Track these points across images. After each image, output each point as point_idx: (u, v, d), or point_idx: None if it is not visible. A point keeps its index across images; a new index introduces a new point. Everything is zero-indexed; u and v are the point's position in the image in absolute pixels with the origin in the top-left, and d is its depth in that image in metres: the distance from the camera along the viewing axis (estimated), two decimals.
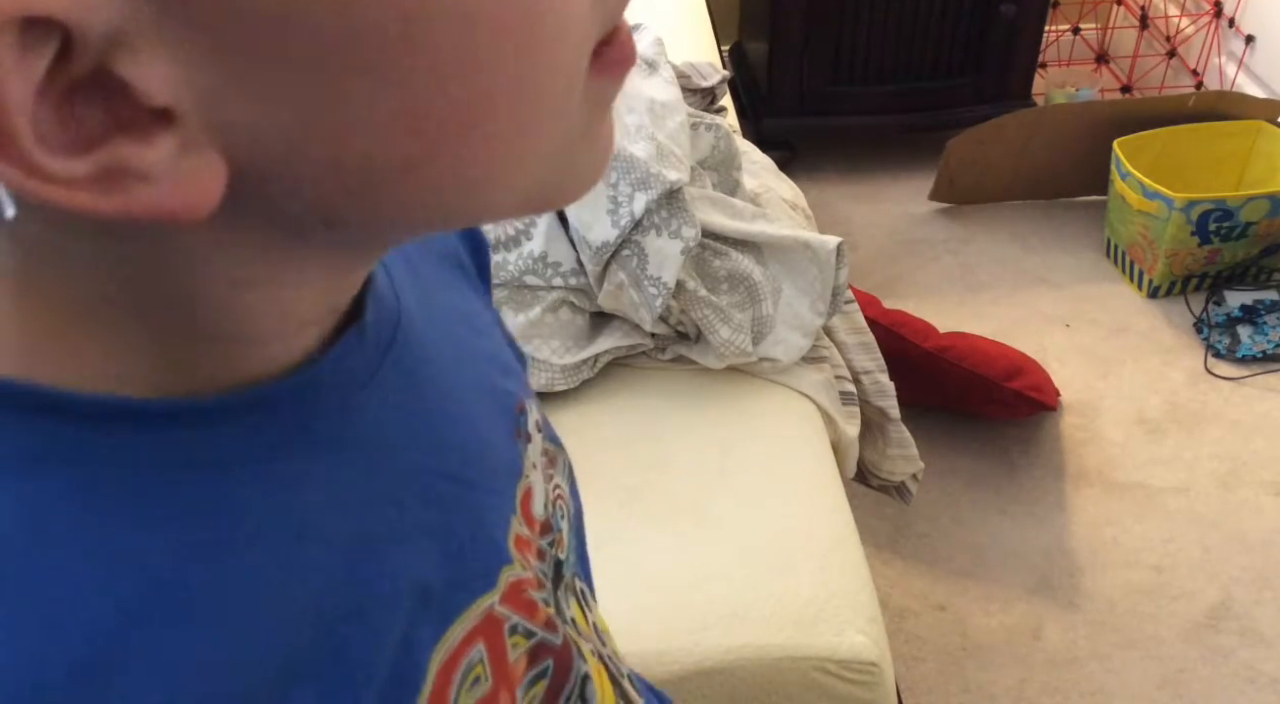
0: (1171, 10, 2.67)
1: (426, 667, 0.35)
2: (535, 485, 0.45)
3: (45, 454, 0.28)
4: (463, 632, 0.37)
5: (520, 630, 0.40)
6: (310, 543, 0.32)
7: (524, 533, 0.42)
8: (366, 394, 0.36)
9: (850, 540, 1.12)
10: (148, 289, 0.29)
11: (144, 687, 0.27)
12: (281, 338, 0.33)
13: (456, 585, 0.37)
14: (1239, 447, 1.88)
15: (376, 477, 0.36)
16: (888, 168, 2.57)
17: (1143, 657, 1.56)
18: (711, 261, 1.27)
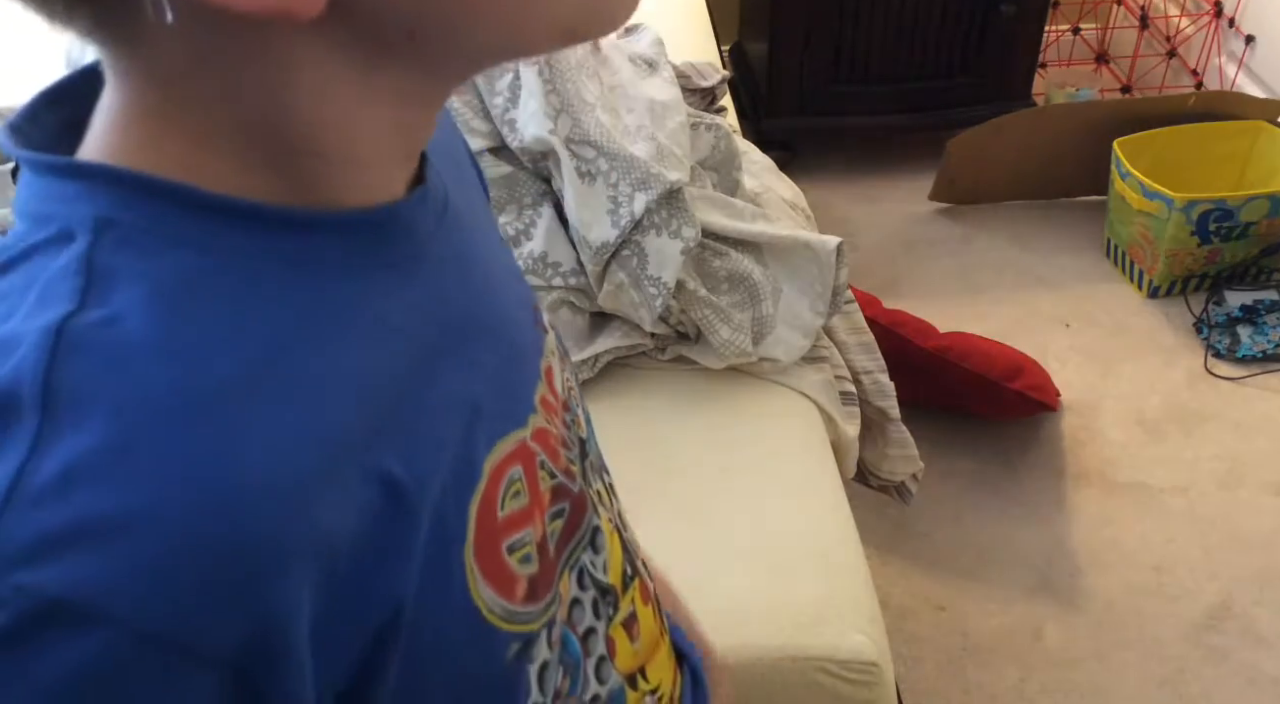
0: (1171, 10, 2.67)
1: (482, 466, 0.42)
2: (555, 368, 0.52)
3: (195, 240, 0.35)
4: (506, 449, 0.44)
5: (546, 468, 0.47)
6: (390, 339, 0.39)
7: (549, 399, 0.49)
8: (433, 242, 0.43)
9: (850, 540, 1.12)
10: (262, 110, 0.35)
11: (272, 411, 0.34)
12: (368, 168, 0.39)
13: (498, 413, 0.44)
14: (1239, 447, 1.88)
15: (440, 309, 0.43)
16: (888, 168, 2.57)
17: (1143, 657, 1.56)
18: (711, 261, 1.27)
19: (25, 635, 0.29)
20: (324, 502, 0.34)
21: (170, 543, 0.31)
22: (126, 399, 0.32)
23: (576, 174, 1.21)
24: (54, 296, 0.33)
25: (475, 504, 0.41)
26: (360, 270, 0.39)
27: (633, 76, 1.38)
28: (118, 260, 0.34)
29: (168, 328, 0.34)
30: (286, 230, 0.37)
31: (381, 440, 0.37)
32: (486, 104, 1.27)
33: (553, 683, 0.46)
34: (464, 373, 0.43)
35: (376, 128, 0.38)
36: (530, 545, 0.44)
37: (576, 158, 1.22)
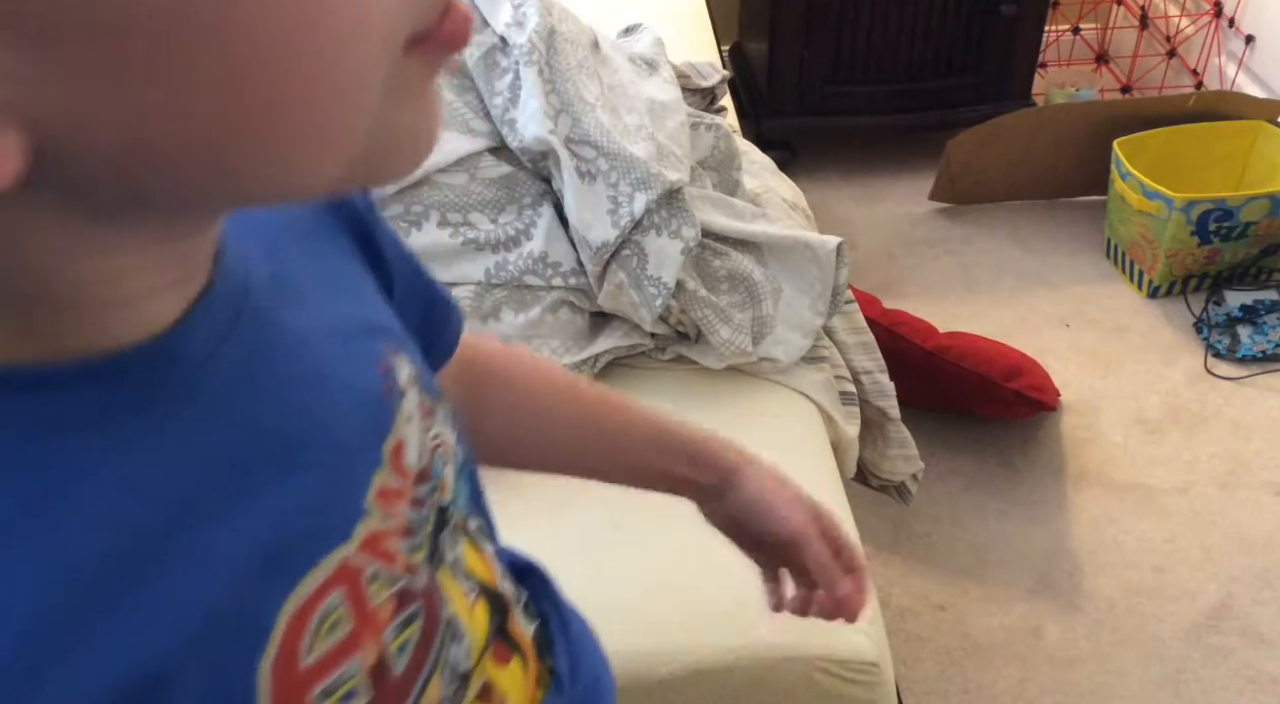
0: (1171, 10, 2.67)
1: (274, 621, 0.37)
2: (409, 438, 0.46)
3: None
4: (316, 583, 0.38)
5: (381, 577, 0.42)
6: (138, 502, 0.34)
7: (393, 484, 0.44)
8: (214, 364, 0.37)
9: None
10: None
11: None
12: (125, 306, 0.34)
13: (310, 540, 0.39)
14: (1239, 447, 1.88)
15: (221, 442, 0.37)
16: (888, 168, 2.57)
17: (1143, 657, 1.56)
18: (711, 261, 1.27)
19: None
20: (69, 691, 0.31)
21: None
22: None
23: (576, 174, 1.21)
24: None
25: (267, 664, 0.36)
26: (98, 424, 0.34)
27: (633, 76, 1.38)
28: None
29: None
30: (12, 392, 0.32)
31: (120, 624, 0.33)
32: (486, 104, 1.27)
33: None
34: (250, 514, 0.37)
35: (133, 269, 0.33)
36: (355, 678, 0.40)
37: (576, 158, 1.22)
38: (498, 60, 1.26)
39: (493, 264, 1.22)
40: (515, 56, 1.25)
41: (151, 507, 0.34)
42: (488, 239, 1.22)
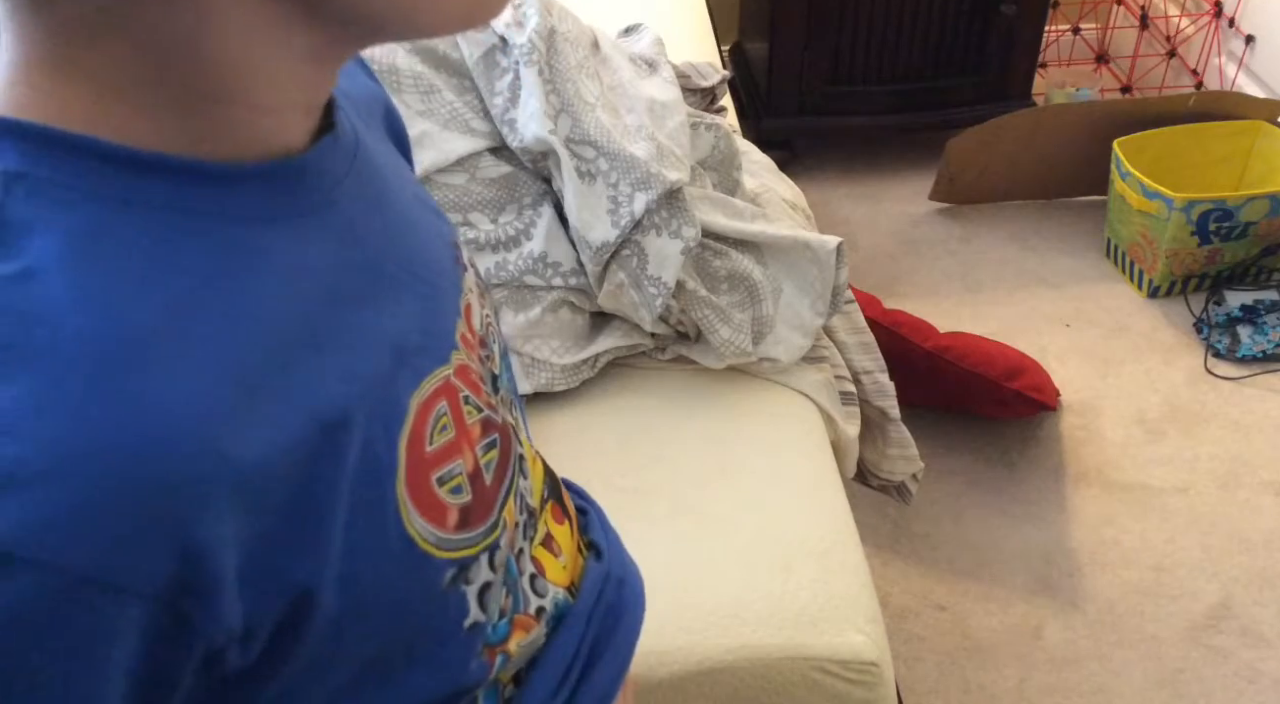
0: (1171, 10, 2.67)
1: (408, 404, 0.44)
2: (473, 304, 0.53)
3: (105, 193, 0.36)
4: (431, 386, 0.45)
5: (471, 402, 0.48)
6: (307, 280, 0.41)
7: (467, 334, 0.51)
8: (343, 187, 0.44)
9: (850, 540, 1.12)
10: (173, 57, 0.36)
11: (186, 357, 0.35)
12: (274, 113, 0.40)
13: (421, 351, 0.46)
14: (1239, 447, 1.88)
15: (354, 252, 0.44)
16: (888, 168, 2.57)
17: (1143, 657, 1.56)
18: (711, 261, 1.27)
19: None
20: (244, 438, 0.36)
21: (91, 487, 0.32)
22: (44, 351, 0.33)
23: (576, 174, 1.21)
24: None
25: (404, 439, 0.43)
26: (269, 219, 0.40)
27: (633, 76, 1.38)
28: (30, 213, 0.35)
29: (82, 280, 0.35)
30: (194, 181, 0.38)
31: (302, 378, 0.39)
32: (486, 104, 1.27)
33: (496, 603, 0.49)
34: (384, 313, 0.44)
35: (285, 77, 0.39)
36: (461, 477, 0.46)
37: (576, 158, 1.22)
38: (498, 60, 1.26)
39: (493, 264, 1.22)
40: (515, 56, 1.25)
41: (316, 287, 0.41)
42: (488, 239, 1.22)
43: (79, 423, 0.32)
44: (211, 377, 0.36)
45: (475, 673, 0.49)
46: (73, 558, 0.32)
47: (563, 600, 0.56)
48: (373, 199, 0.47)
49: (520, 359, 1.23)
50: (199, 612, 0.35)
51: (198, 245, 0.38)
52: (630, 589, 0.64)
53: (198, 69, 0.37)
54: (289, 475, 0.37)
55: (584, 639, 0.57)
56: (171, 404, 0.34)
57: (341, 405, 0.40)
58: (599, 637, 0.59)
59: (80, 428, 0.32)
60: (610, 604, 0.61)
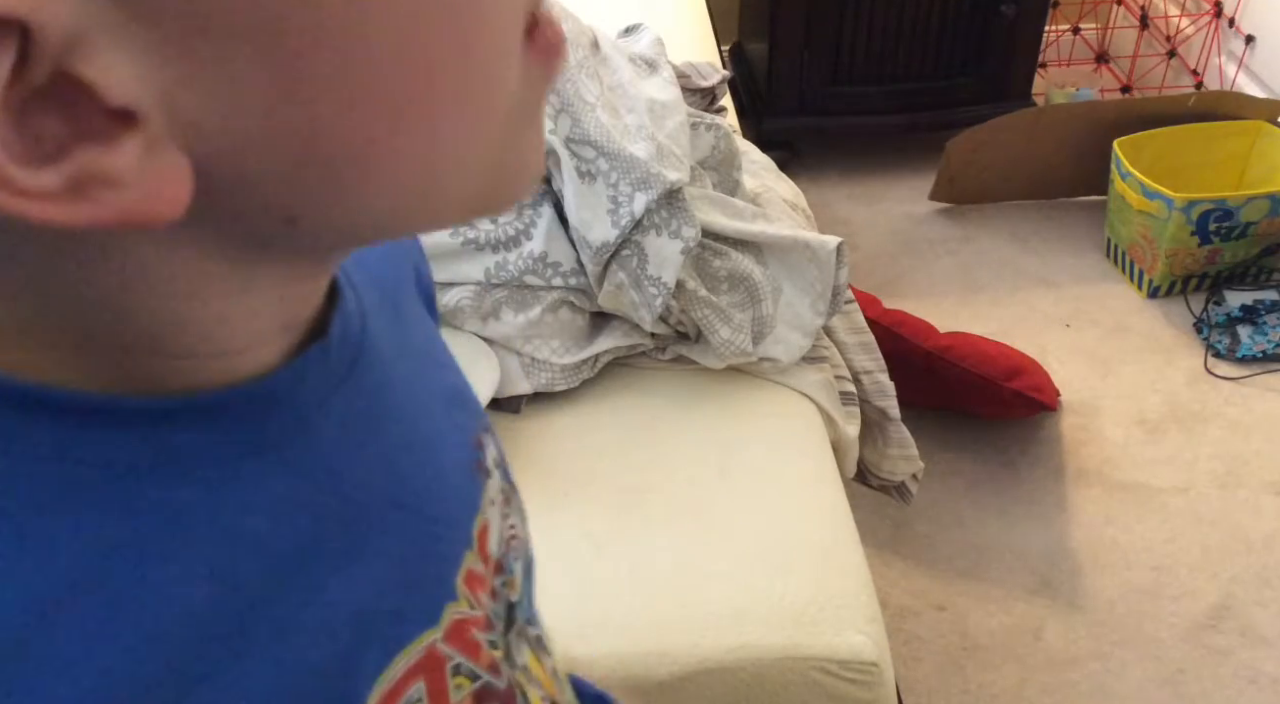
0: (1171, 10, 2.67)
1: (366, 698, 0.34)
2: (492, 522, 0.44)
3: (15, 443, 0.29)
4: (404, 667, 0.36)
5: (464, 671, 0.39)
6: (243, 554, 0.32)
7: (478, 569, 0.41)
8: (324, 412, 0.35)
9: (850, 540, 1.12)
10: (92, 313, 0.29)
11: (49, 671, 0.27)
12: (239, 352, 0.32)
13: (399, 617, 0.36)
14: (1239, 447, 1.88)
15: (327, 497, 0.35)
16: (888, 168, 2.57)
17: (1143, 657, 1.56)
18: (711, 261, 1.27)
19: None
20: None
21: None
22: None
23: (576, 174, 1.21)
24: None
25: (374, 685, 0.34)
26: (208, 466, 0.32)
27: (633, 76, 1.38)
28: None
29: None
30: (108, 425, 0.30)
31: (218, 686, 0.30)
32: None
33: None
34: (351, 573, 0.35)
35: (252, 314, 0.32)
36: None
37: (576, 157, 1.22)
38: None
39: (493, 264, 1.22)
40: None
41: (256, 555, 0.32)
42: (488, 239, 1.22)
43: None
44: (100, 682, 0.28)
45: None
46: None
47: None
48: (366, 418, 0.38)
49: (520, 359, 1.23)
50: None
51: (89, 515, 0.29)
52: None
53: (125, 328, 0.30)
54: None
55: None
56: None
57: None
58: None
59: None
60: None
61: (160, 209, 0.26)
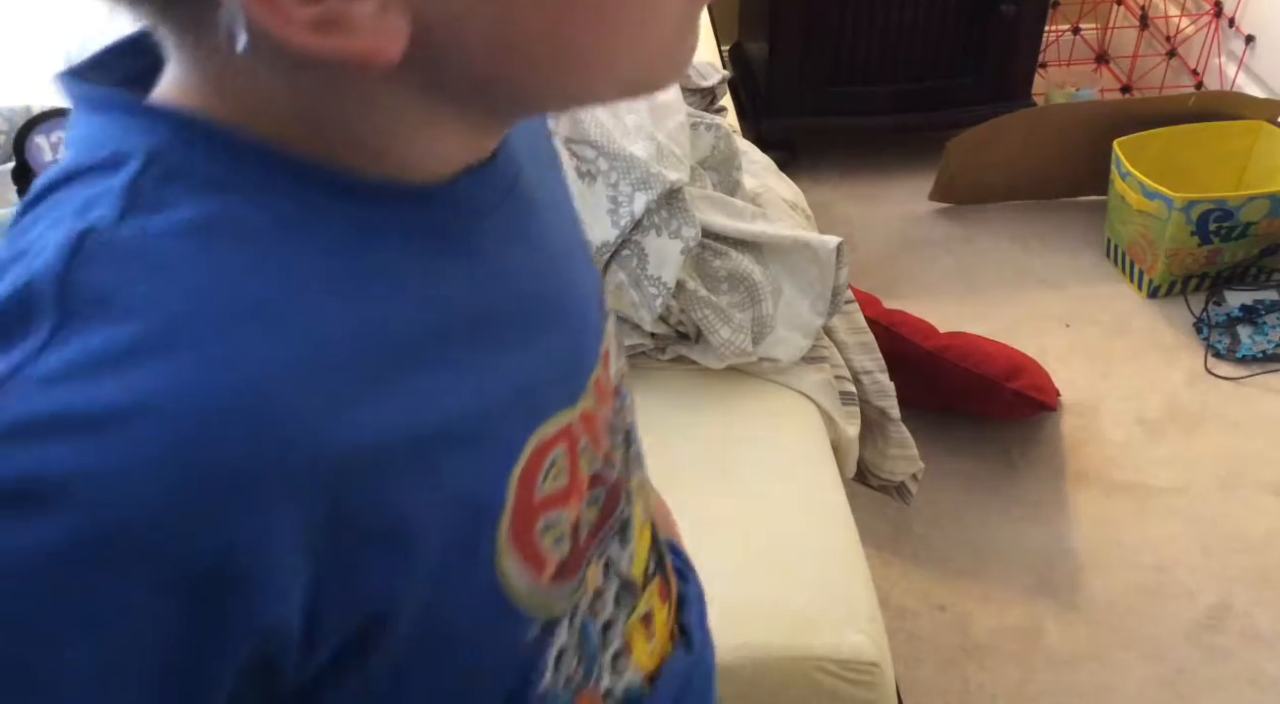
0: (1171, 10, 2.67)
1: (524, 446, 0.42)
2: (612, 351, 0.52)
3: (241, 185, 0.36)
4: (551, 430, 0.43)
5: (588, 453, 0.46)
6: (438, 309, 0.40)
7: (603, 381, 0.49)
8: (494, 220, 0.43)
9: (850, 540, 1.12)
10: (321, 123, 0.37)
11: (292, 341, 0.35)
12: (432, 171, 0.40)
13: (548, 392, 0.44)
14: (1239, 446, 1.88)
15: (494, 284, 0.43)
16: (888, 168, 2.57)
17: (1143, 657, 1.56)
18: (711, 261, 1.27)
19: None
20: (332, 430, 0.34)
21: (160, 446, 0.31)
22: (144, 303, 0.32)
23: (576, 174, 1.21)
24: (91, 211, 0.34)
25: (515, 479, 0.41)
26: (409, 239, 0.40)
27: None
28: (163, 190, 0.35)
29: (198, 249, 0.34)
30: (334, 191, 0.38)
31: (408, 393, 0.37)
32: None
33: (566, 670, 0.46)
34: (515, 350, 0.43)
35: (445, 147, 0.40)
36: (564, 527, 0.44)
37: (576, 157, 1.22)
38: None
39: None
40: None
41: (441, 312, 0.40)
42: None
43: (164, 379, 0.31)
44: (310, 364, 0.35)
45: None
46: (120, 513, 0.30)
47: (636, 690, 0.52)
48: (525, 235, 0.46)
49: None
50: (240, 607, 0.32)
51: (320, 247, 0.37)
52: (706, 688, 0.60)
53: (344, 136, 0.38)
54: (372, 484, 0.35)
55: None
56: (261, 377, 0.33)
57: (447, 430, 0.38)
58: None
59: (163, 385, 0.31)
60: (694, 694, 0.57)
61: (379, 57, 0.34)
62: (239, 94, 0.37)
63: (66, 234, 0.33)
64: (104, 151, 0.36)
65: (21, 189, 1.21)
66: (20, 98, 1.51)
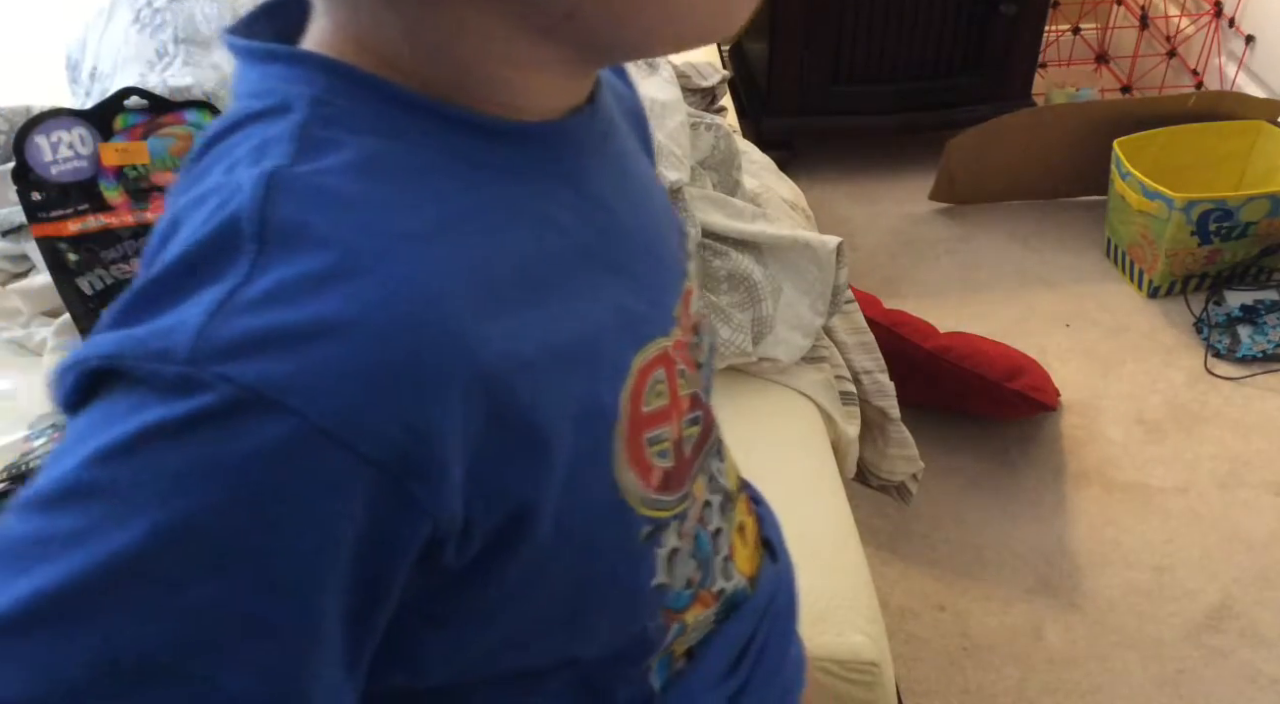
0: (1171, 10, 2.67)
1: (630, 364, 0.46)
2: (694, 291, 0.56)
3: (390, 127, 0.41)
4: (652, 353, 0.48)
5: (685, 376, 0.51)
6: (555, 234, 0.45)
7: (684, 317, 0.53)
8: (596, 159, 0.48)
9: (850, 540, 1.12)
10: (438, 56, 0.42)
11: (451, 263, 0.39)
12: (537, 111, 0.44)
13: (646, 319, 0.49)
14: (1239, 447, 1.88)
15: (601, 215, 0.48)
16: (888, 168, 2.57)
17: (1143, 657, 1.56)
18: (711, 261, 1.27)
19: (224, 416, 0.34)
20: (488, 342, 0.39)
21: (355, 354, 0.35)
22: (328, 234, 0.37)
23: None
24: (269, 153, 0.39)
25: (625, 394, 0.46)
26: (520, 172, 0.44)
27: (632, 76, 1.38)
28: (327, 133, 0.40)
29: (364, 186, 0.39)
30: (464, 130, 0.42)
31: (541, 312, 0.42)
32: None
33: (683, 571, 0.52)
34: (619, 277, 0.48)
35: (543, 87, 0.44)
36: (667, 442, 0.49)
37: None
38: None
39: None
40: None
41: (559, 240, 0.45)
42: None
43: (352, 298, 0.36)
44: (466, 282, 0.39)
45: (653, 635, 0.52)
46: (324, 414, 0.35)
47: (741, 590, 0.58)
48: (621, 175, 0.51)
49: None
50: (424, 491, 0.37)
51: (459, 181, 0.42)
52: (791, 597, 0.66)
53: (458, 69, 0.42)
54: (520, 390, 0.40)
55: (755, 635, 0.59)
56: (431, 293, 0.38)
57: (573, 346, 0.43)
58: (768, 639, 0.60)
59: (352, 303, 0.36)
60: (778, 611, 0.62)
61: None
62: (372, 43, 0.42)
63: (257, 174, 0.38)
64: (271, 99, 0.41)
65: (21, 189, 1.21)
66: (20, 98, 1.51)
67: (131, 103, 1.22)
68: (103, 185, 1.23)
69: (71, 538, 0.34)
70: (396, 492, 0.36)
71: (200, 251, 0.37)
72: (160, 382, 0.35)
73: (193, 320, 0.35)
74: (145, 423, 0.34)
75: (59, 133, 1.20)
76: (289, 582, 0.35)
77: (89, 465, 0.35)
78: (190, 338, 0.35)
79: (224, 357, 0.34)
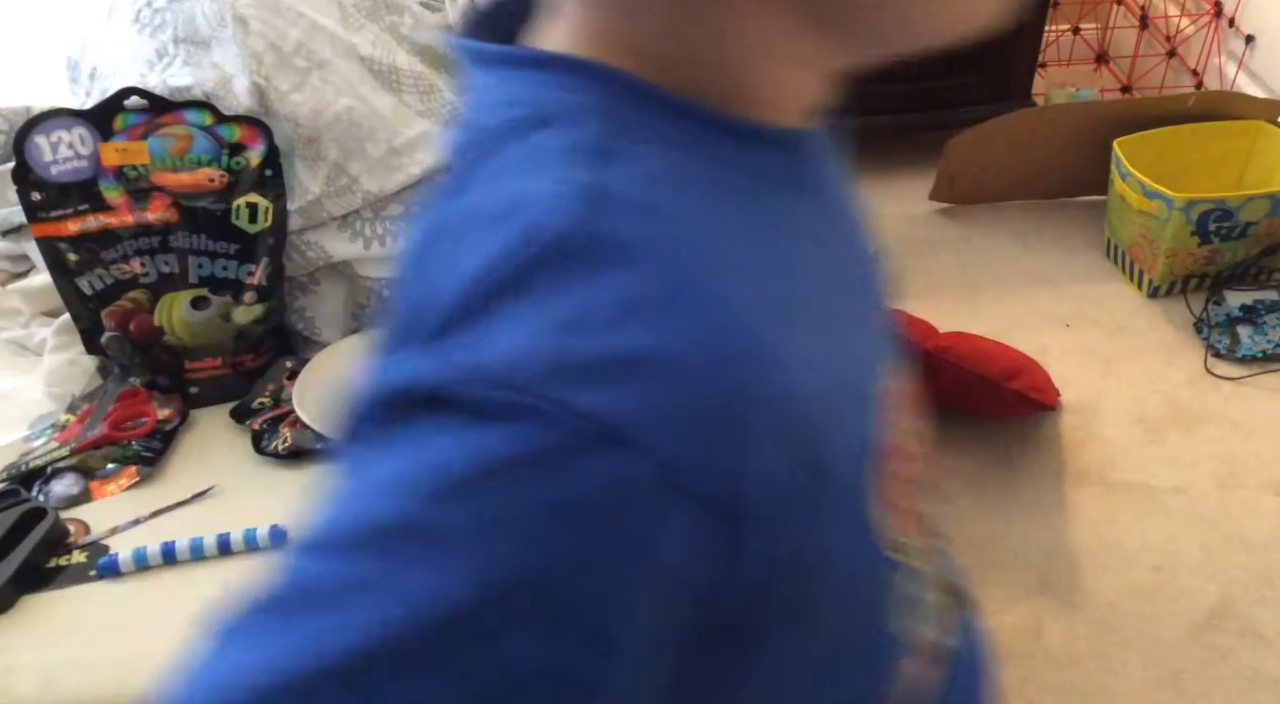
0: (1171, 10, 2.67)
1: (874, 394, 0.44)
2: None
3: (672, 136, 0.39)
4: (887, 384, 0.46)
5: (906, 410, 0.49)
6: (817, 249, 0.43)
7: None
8: (832, 174, 0.47)
9: None
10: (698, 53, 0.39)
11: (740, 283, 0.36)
12: (787, 112, 0.43)
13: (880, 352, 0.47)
14: (1239, 447, 1.88)
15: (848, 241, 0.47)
16: (888, 168, 2.57)
17: (1143, 657, 1.56)
18: None
19: (567, 451, 0.31)
20: (792, 371, 0.36)
21: (693, 387, 0.32)
22: (662, 251, 0.34)
23: None
24: (563, 165, 0.36)
25: (877, 428, 0.43)
26: (783, 182, 0.42)
27: None
28: (615, 144, 0.37)
29: (677, 199, 0.37)
30: (733, 139, 0.40)
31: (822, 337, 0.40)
32: None
33: (903, 619, 0.48)
34: (861, 296, 0.46)
35: (796, 82, 0.42)
36: (904, 480, 0.47)
37: None
38: None
39: None
40: None
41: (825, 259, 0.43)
42: None
43: (694, 324, 0.33)
44: (765, 305, 0.37)
45: (885, 685, 0.48)
46: (661, 450, 0.31)
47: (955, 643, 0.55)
48: (840, 195, 0.49)
49: None
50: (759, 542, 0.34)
51: (738, 192, 0.40)
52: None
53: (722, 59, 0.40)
54: (814, 425, 0.37)
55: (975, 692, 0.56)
56: (747, 319, 0.35)
57: (847, 375, 0.41)
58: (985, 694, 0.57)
59: (695, 330, 0.33)
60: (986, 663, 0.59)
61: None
62: (626, 44, 0.39)
63: (566, 186, 0.35)
64: (528, 107, 0.39)
65: (21, 189, 1.21)
66: (20, 98, 1.51)
67: (131, 103, 1.22)
68: (103, 185, 1.23)
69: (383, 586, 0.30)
70: (733, 542, 0.33)
71: (511, 267, 0.33)
72: (492, 408, 0.31)
73: (525, 343, 0.32)
74: (474, 457, 0.31)
75: (59, 133, 1.20)
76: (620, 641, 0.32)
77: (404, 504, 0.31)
78: (526, 361, 0.31)
79: (569, 380, 0.31)
